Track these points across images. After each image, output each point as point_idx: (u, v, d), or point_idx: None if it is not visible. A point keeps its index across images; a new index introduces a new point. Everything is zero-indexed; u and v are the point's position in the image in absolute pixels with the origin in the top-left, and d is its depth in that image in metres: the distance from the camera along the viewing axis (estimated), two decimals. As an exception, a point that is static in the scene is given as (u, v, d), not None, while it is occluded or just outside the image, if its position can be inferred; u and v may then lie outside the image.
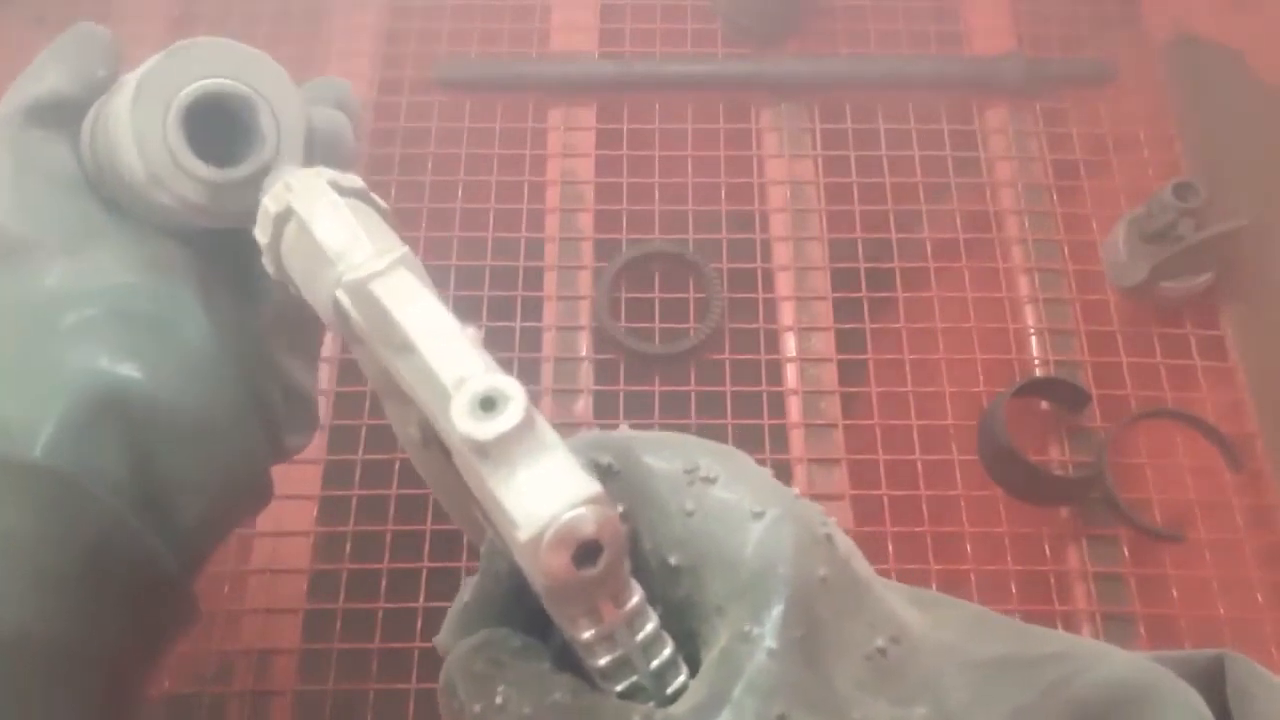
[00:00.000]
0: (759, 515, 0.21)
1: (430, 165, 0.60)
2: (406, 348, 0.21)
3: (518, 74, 0.63)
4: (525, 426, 0.19)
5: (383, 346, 0.22)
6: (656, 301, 0.56)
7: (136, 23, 0.65)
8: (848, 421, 0.54)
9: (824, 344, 0.56)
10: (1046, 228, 0.59)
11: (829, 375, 0.55)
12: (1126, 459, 0.53)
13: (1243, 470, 0.53)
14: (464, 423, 0.19)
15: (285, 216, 0.26)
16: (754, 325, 0.56)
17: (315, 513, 0.51)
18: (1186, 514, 0.52)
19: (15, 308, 0.28)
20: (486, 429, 0.19)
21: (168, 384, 0.28)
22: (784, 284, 0.57)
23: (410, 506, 0.51)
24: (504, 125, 0.62)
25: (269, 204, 0.27)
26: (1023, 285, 0.58)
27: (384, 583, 0.49)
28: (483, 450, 0.19)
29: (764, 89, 0.63)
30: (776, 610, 0.20)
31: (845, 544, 0.22)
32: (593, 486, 0.19)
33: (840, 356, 0.55)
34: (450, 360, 0.20)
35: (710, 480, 0.21)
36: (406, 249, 0.24)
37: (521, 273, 0.57)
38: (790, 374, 0.55)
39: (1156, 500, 0.52)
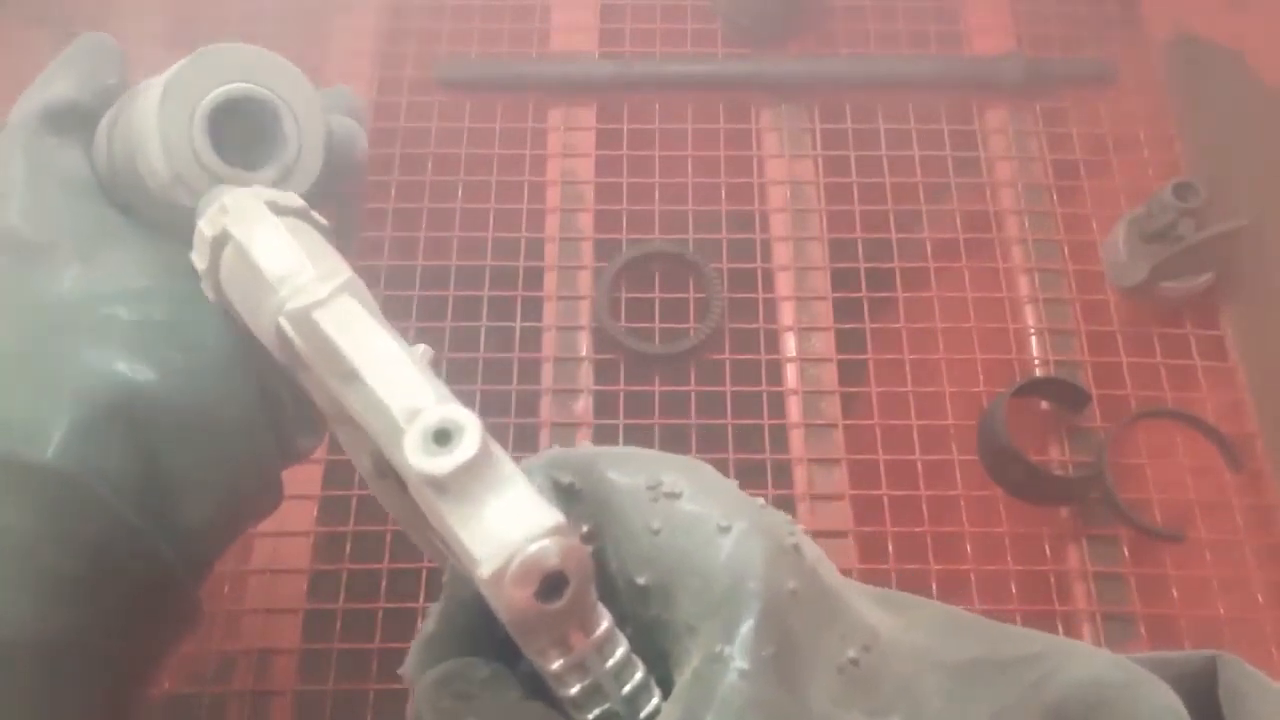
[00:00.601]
0: (725, 530, 0.20)
1: (430, 165, 0.60)
2: (354, 377, 0.21)
3: (518, 74, 0.63)
4: (482, 459, 0.18)
5: (330, 376, 0.22)
6: (656, 301, 0.56)
7: (136, 21, 0.65)
8: (848, 421, 0.54)
9: (824, 344, 0.56)
10: (1046, 228, 0.59)
11: (829, 375, 0.55)
12: (1126, 459, 0.53)
13: (1243, 470, 0.53)
14: (418, 458, 0.18)
15: (222, 240, 0.26)
16: (754, 325, 0.56)
17: (315, 513, 0.51)
18: (1186, 514, 0.52)
19: (31, 310, 0.28)
20: (441, 464, 0.18)
21: (181, 388, 0.28)
22: (784, 284, 0.57)
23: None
24: (504, 125, 0.62)
25: (204, 227, 0.26)
26: (1023, 285, 0.58)
27: (384, 582, 0.49)
28: (439, 485, 0.18)
29: (764, 89, 0.63)
30: (747, 627, 0.19)
31: (812, 552, 0.22)
32: (554, 516, 0.18)
33: (840, 356, 0.55)
34: (400, 391, 0.20)
35: (675, 495, 0.21)
36: (350, 274, 0.23)
37: (521, 273, 0.57)
38: (790, 374, 0.55)
39: (1156, 500, 0.52)
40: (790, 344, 0.56)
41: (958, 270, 0.58)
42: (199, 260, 0.27)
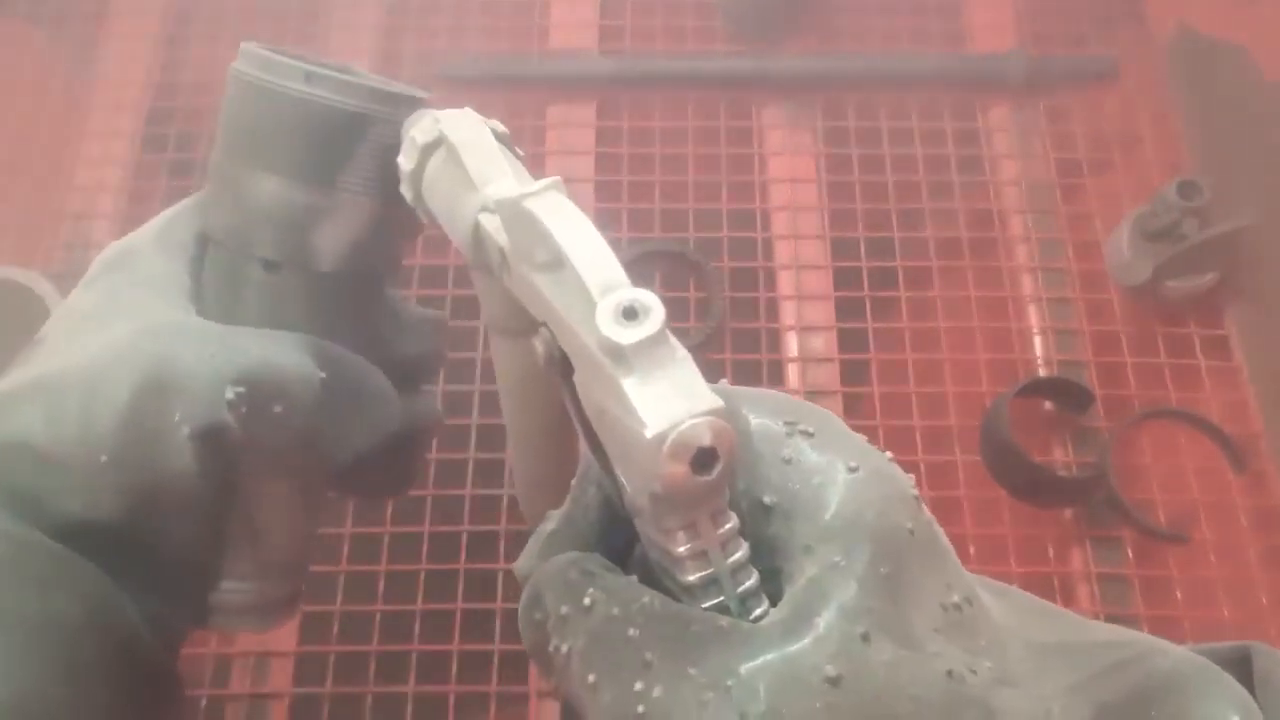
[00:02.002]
0: (854, 470, 0.22)
1: (429, 163, 0.60)
2: (556, 262, 0.22)
3: (517, 71, 0.62)
4: (661, 338, 0.20)
5: (524, 265, 0.23)
6: (657, 301, 0.56)
7: (132, 19, 0.64)
8: (850, 422, 0.53)
9: (826, 344, 0.55)
10: (1050, 226, 0.59)
11: (831, 375, 0.55)
12: (1130, 460, 0.53)
13: (1246, 471, 0.53)
14: (608, 327, 0.20)
15: (434, 145, 0.28)
16: (755, 325, 0.56)
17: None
18: (1190, 515, 0.52)
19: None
20: (629, 334, 0.20)
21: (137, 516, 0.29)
22: (786, 283, 0.57)
23: (408, 509, 0.50)
24: (503, 123, 0.61)
25: (417, 135, 0.28)
26: (1026, 284, 0.57)
27: (381, 585, 0.49)
28: (620, 354, 0.20)
29: (766, 86, 0.62)
30: (865, 549, 0.20)
31: (928, 513, 0.23)
32: (717, 400, 0.19)
33: (842, 356, 0.55)
34: (601, 272, 0.21)
35: (808, 435, 0.22)
36: (558, 178, 0.24)
37: (521, 272, 0.57)
38: (792, 374, 0.55)
39: (1160, 501, 0.52)
40: (792, 344, 0.55)
41: (961, 269, 0.58)
42: (405, 162, 0.28)
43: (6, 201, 0.60)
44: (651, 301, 0.20)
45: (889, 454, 0.23)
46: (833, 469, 0.22)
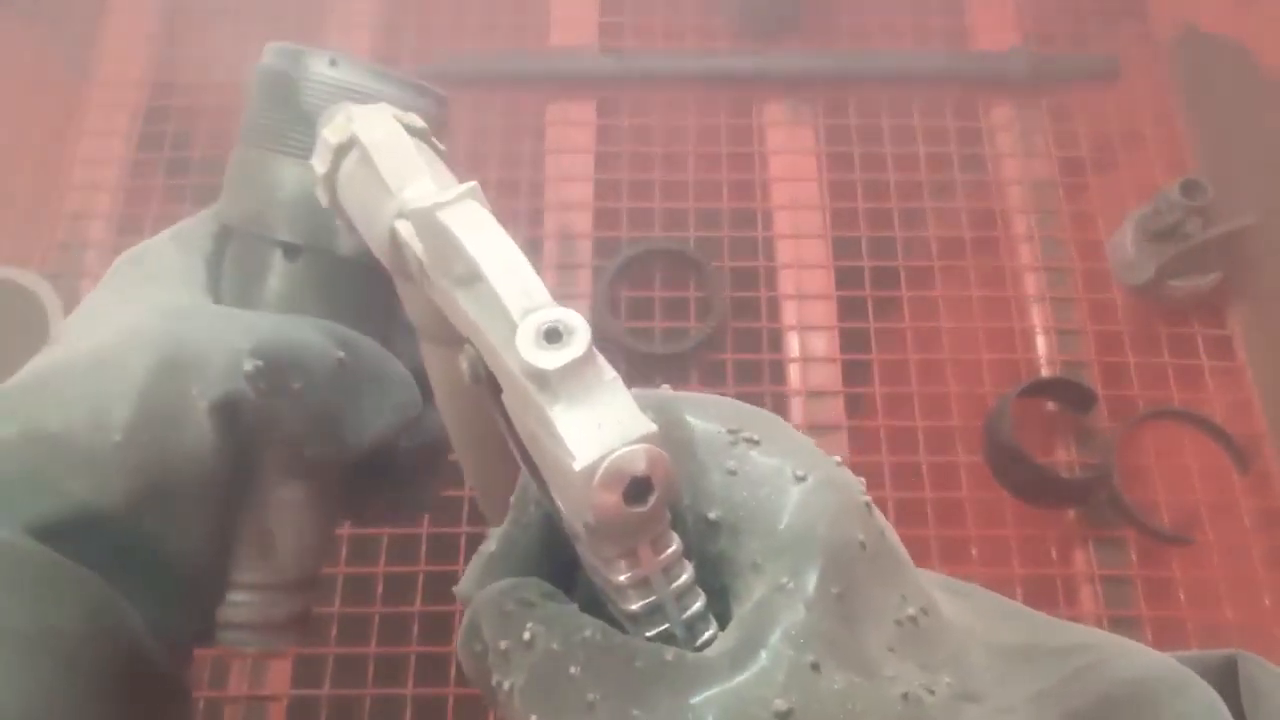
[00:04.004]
0: (801, 479, 0.21)
1: (428, 162, 0.59)
2: (472, 278, 0.21)
3: (516, 68, 0.62)
4: (588, 360, 0.19)
5: (442, 278, 0.22)
6: (657, 300, 0.56)
7: (129, 18, 0.64)
8: (852, 423, 0.53)
9: (828, 344, 0.55)
10: (1053, 225, 0.59)
11: (833, 376, 0.54)
12: (1133, 460, 0.52)
13: (1250, 471, 0.53)
14: (529, 352, 0.19)
15: (347, 147, 0.27)
16: (757, 325, 0.56)
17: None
18: (1194, 516, 0.52)
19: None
20: (551, 359, 0.19)
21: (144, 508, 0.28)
22: (787, 282, 0.57)
23: (407, 509, 0.50)
24: (502, 121, 0.61)
25: (329, 135, 0.27)
26: (1029, 284, 0.57)
27: (380, 587, 0.49)
28: (544, 380, 0.19)
29: (767, 85, 0.62)
30: (814, 567, 0.20)
31: (881, 517, 0.22)
32: (648, 425, 0.19)
33: (844, 356, 0.55)
34: (520, 290, 0.20)
35: (753, 442, 0.21)
36: (474, 184, 0.23)
37: (520, 271, 0.57)
38: (793, 374, 0.54)
39: (1164, 502, 0.52)
40: (793, 344, 0.55)
41: (963, 269, 0.58)
42: (319, 165, 0.27)
43: (3, 201, 0.60)
44: (576, 322, 0.19)
45: (838, 458, 0.22)
46: (780, 478, 0.21)
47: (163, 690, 0.29)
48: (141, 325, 0.28)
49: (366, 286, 0.32)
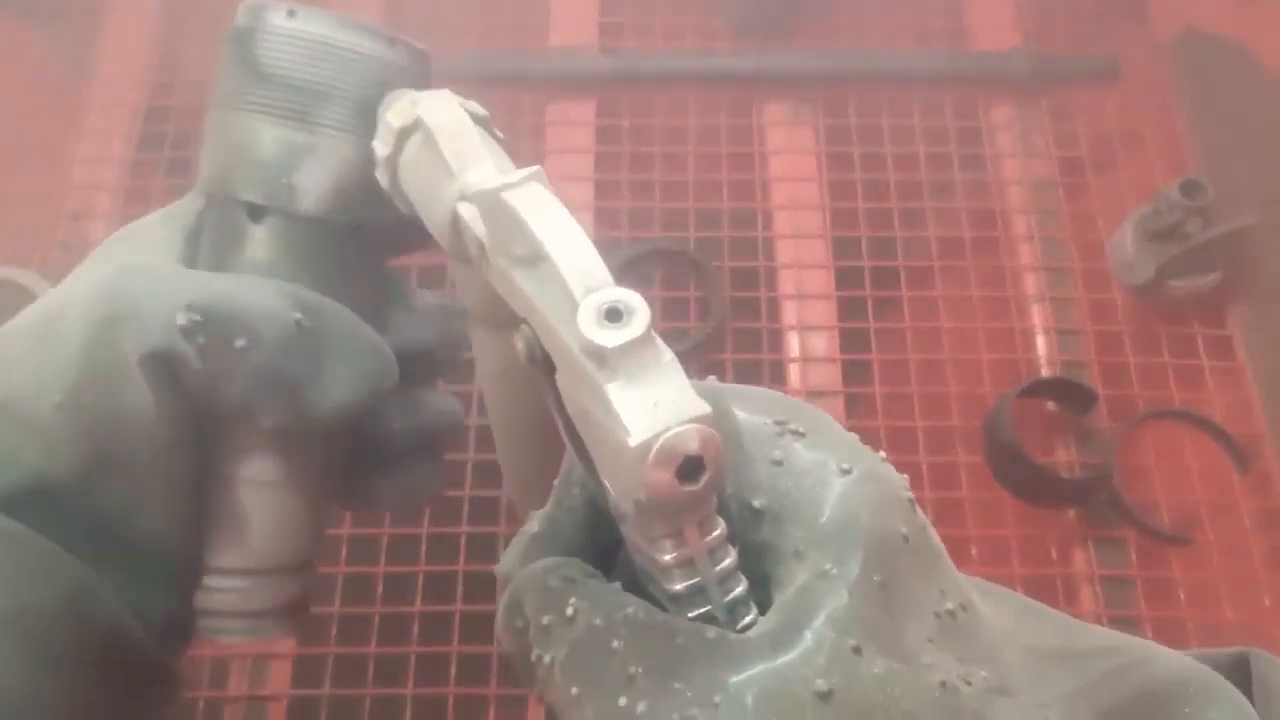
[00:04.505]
0: (846, 471, 0.21)
1: (428, 161, 0.59)
2: (535, 258, 0.21)
3: (516, 68, 0.62)
4: (646, 340, 0.19)
5: (503, 259, 0.23)
6: (657, 300, 0.56)
7: (128, 17, 0.64)
8: (851, 423, 0.53)
9: (827, 344, 0.55)
10: (1052, 225, 0.59)
11: (833, 376, 0.54)
12: (1133, 460, 0.52)
13: (1250, 471, 0.53)
14: (590, 330, 0.19)
15: (410, 130, 0.27)
16: (757, 325, 0.56)
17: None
18: (1194, 516, 0.52)
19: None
20: (611, 337, 0.19)
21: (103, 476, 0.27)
22: (787, 282, 0.57)
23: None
24: (502, 121, 0.60)
25: (392, 119, 0.27)
26: (1029, 284, 0.57)
27: (380, 587, 0.49)
28: (603, 358, 0.19)
29: (767, 85, 0.62)
30: (858, 555, 0.20)
31: (922, 515, 0.22)
32: (704, 407, 0.19)
33: (844, 357, 0.55)
34: (581, 270, 0.20)
35: (799, 435, 0.22)
36: (538, 168, 0.24)
37: (520, 271, 0.57)
38: (794, 374, 0.54)
39: (1164, 502, 0.52)
40: (793, 344, 0.55)
41: (963, 268, 0.58)
42: (381, 147, 0.27)
43: (3, 201, 0.60)
44: (636, 302, 0.19)
45: (883, 454, 0.22)
46: (825, 470, 0.21)
47: (145, 673, 0.28)
48: (86, 284, 0.27)
49: (339, 258, 0.31)
